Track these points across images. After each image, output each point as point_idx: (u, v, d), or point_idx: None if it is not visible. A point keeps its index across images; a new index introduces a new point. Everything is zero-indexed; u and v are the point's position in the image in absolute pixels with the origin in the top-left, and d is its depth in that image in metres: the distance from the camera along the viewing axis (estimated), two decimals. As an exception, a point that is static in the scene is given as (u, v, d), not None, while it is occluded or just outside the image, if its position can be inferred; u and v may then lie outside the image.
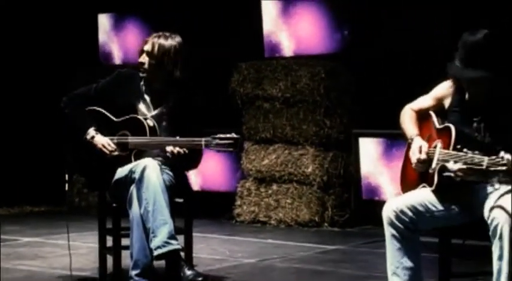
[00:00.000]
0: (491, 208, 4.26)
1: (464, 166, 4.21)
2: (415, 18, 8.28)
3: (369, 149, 8.36)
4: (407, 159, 4.74)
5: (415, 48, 8.17)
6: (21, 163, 10.01)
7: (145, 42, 5.46)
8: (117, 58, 9.80)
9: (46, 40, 10.04)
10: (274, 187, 8.50)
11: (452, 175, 4.28)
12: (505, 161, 4.08)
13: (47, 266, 6.42)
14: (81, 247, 7.18)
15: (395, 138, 8.14)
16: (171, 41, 5.43)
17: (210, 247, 6.89)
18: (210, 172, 8.65)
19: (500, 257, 4.19)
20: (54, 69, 9.93)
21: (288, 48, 8.76)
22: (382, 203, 8.22)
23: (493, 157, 4.12)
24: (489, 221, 4.24)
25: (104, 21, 9.92)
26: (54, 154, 9.78)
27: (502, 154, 4.12)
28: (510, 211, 4.15)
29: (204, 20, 9.36)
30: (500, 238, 4.16)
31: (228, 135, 5.17)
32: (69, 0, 9.90)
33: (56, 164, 9.71)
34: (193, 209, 5.45)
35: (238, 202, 8.52)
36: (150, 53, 5.40)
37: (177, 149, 5.16)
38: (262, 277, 6.04)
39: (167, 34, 5.47)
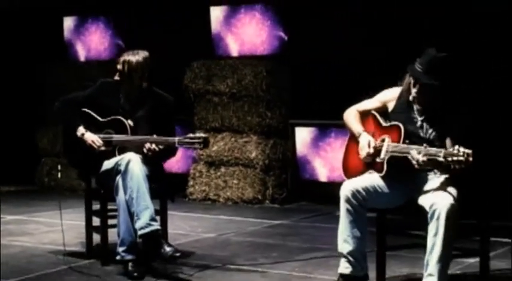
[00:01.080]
0: (432, 195, 4.52)
1: (425, 158, 4.44)
2: (341, 28, 8.44)
3: (304, 136, 8.59)
4: (349, 150, 4.95)
5: (342, 54, 8.35)
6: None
7: (117, 62, 5.56)
8: (82, 56, 9.83)
9: (21, 40, 10.03)
10: (223, 169, 8.63)
11: (414, 163, 4.49)
12: (461, 153, 4.29)
13: (37, 242, 6.43)
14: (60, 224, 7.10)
15: (326, 128, 8.43)
16: (137, 58, 5.51)
17: (173, 224, 6.84)
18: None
19: (436, 234, 4.44)
20: (27, 64, 9.93)
21: (234, 50, 8.87)
22: (315, 182, 8.60)
23: (450, 150, 4.35)
24: (429, 205, 4.48)
25: (68, 23, 9.92)
26: (25, 139, 9.89)
27: (456, 147, 4.33)
28: (447, 199, 4.43)
29: (161, 23, 9.37)
30: (438, 219, 4.41)
31: (197, 135, 5.30)
32: (38, 5, 9.86)
33: (26, 147, 9.82)
34: (168, 193, 5.64)
35: (191, 183, 8.66)
36: (121, 72, 5.52)
37: (153, 146, 5.30)
38: (223, 250, 6.12)
39: (135, 52, 5.56)
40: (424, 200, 4.56)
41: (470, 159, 4.32)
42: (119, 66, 5.52)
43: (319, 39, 8.48)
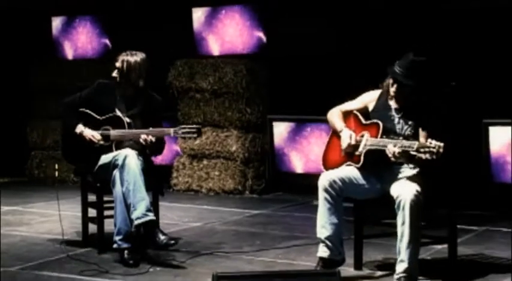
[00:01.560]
0: (398, 186, 4.79)
1: (400, 150, 4.70)
2: (312, 27, 8.53)
3: (281, 131, 8.68)
4: (330, 145, 5.20)
5: (319, 53, 8.47)
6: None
7: (116, 61, 5.66)
8: (69, 54, 9.86)
9: (11, 39, 10.01)
10: (205, 161, 8.73)
11: (390, 155, 4.74)
12: (433, 145, 4.58)
13: (34, 231, 6.53)
14: (54, 214, 6.98)
15: (302, 123, 8.55)
16: (136, 58, 5.65)
17: (160, 213, 6.99)
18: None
19: (403, 223, 4.72)
20: (16, 62, 9.95)
21: (215, 49, 8.93)
22: (291, 174, 8.72)
23: (422, 142, 4.65)
24: (395, 198, 4.76)
25: (57, 22, 9.91)
26: (15, 133, 9.92)
27: (429, 140, 4.62)
28: (411, 190, 4.70)
29: (146, 24, 9.38)
30: (403, 209, 4.69)
31: (190, 126, 5.58)
32: (27, 6, 9.85)
33: (16, 141, 9.84)
34: (159, 187, 5.83)
35: (174, 174, 8.75)
36: (120, 70, 5.64)
37: (150, 137, 5.51)
38: (210, 238, 6.28)
39: (133, 52, 5.69)
40: (392, 191, 4.82)
41: (441, 150, 4.59)
42: (118, 64, 5.65)
43: (297, 39, 8.56)
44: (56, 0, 9.78)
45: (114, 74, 5.69)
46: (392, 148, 4.75)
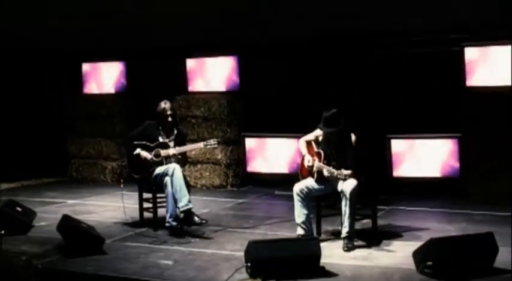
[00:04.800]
0: (342, 183, 6.23)
1: (329, 174, 6.26)
2: (276, 72, 9.53)
3: (251, 144, 9.55)
4: (302, 163, 6.59)
5: (272, 93, 9.49)
6: (34, 149, 10.93)
7: (168, 110, 7.03)
8: (96, 90, 10.84)
9: (53, 78, 11.00)
10: (199, 166, 9.70)
11: (326, 175, 6.32)
12: (343, 174, 6.12)
13: (103, 217, 7.48)
14: (108, 205, 8.13)
15: (265, 138, 9.48)
16: (168, 105, 7.08)
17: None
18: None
19: (346, 205, 6.17)
20: (58, 95, 11.00)
21: (204, 88, 9.97)
22: (258, 173, 9.75)
23: (340, 171, 6.13)
24: (340, 190, 6.24)
25: (86, 67, 10.91)
26: (57, 147, 10.88)
27: (342, 170, 6.14)
28: (350, 186, 6.17)
29: (154, 69, 10.22)
30: (345, 197, 6.18)
31: (213, 140, 7.07)
32: (64, 54, 10.78)
33: (58, 152, 10.77)
34: (188, 188, 6.95)
35: None
36: (172, 114, 7.07)
37: (178, 149, 6.92)
38: (218, 220, 7.20)
39: (165, 101, 7.10)
40: (339, 187, 6.31)
41: (348, 177, 6.06)
42: (170, 112, 7.07)
43: (262, 82, 9.53)
44: (85, 50, 10.72)
45: (170, 119, 7.10)
46: (325, 172, 6.24)
